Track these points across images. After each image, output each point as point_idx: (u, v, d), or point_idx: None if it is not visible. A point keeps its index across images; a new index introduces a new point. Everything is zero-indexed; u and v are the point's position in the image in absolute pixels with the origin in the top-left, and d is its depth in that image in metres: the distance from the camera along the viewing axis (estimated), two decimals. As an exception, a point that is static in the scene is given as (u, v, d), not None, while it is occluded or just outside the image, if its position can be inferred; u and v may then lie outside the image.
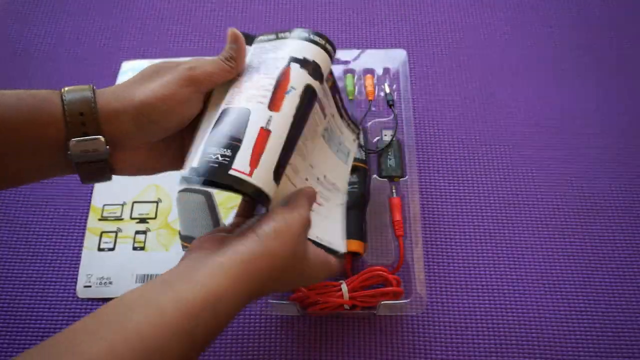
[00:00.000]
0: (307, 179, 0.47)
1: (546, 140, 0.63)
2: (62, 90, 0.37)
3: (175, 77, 0.39)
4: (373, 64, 0.62)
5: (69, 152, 0.36)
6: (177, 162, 0.43)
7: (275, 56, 0.44)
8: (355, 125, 0.55)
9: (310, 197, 0.43)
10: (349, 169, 0.53)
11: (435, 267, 0.56)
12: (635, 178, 0.61)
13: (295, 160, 0.46)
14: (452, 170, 0.62)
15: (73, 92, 0.37)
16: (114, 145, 0.38)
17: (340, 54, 0.62)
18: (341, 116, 0.52)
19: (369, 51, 0.62)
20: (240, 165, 0.37)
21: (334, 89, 0.50)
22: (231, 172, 0.37)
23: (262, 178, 0.38)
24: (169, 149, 0.42)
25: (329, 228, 0.47)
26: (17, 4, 0.74)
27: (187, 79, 0.39)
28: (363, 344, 0.52)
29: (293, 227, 0.39)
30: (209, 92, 0.42)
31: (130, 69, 0.68)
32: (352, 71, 0.62)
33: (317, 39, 0.44)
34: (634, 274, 0.56)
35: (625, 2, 0.73)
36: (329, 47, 0.45)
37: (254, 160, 0.38)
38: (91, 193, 0.60)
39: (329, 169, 0.49)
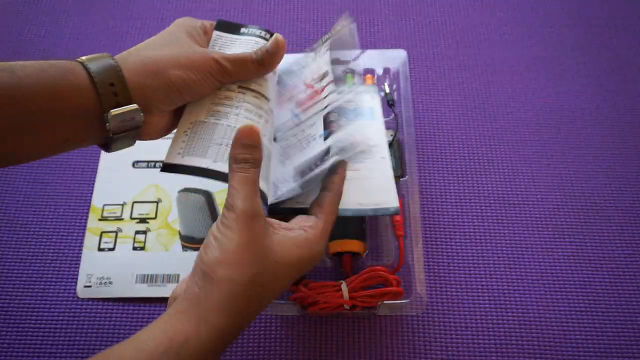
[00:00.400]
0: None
1: (546, 140, 0.63)
2: (82, 59, 0.38)
3: (205, 66, 0.41)
4: (373, 64, 0.62)
5: (107, 124, 0.37)
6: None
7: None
8: (367, 87, 0.54)
9: (330, 214, 0.40)
10: (380, 123, 0.53)
11: (435, 267, 0.56)
12: (635, 178, 0.61)
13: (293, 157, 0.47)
14: (452, 170, 0.62)
15: (95, 61, 0.38)
16: (144, 111, 0.39)
17: (341, 54, 0.62)
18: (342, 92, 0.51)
19: (369, 51, 0.62)
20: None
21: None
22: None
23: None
24: (179, 111, 0.45)
25: (373, 186, 0.48)
26: (17, 4, 0.74)
27: (215, 72, 0.42)
28: (363, 344, 0.52)
29: (238, 251, 0.35)
30: None
31: (130, 69, 0.68)
32: (352, 71, 0.62)
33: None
34: (634, 274, 0.56)
35: (625, 2, 0.74)
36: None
37: None
38: (91, 193, 0.60)
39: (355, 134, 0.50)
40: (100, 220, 0.58)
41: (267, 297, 0.38)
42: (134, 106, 0.38)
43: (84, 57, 0.38)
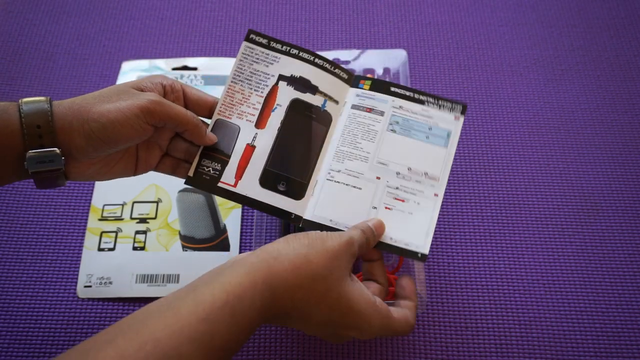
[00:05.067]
0: (379, 178, 0.47)
1: (546, 140, 0.63)
2: (20, 101, 0.39)
3: (134, 104, 0.40)
4: (373, 64, 0.62)
5: (25, 162, 0.38)
6: (128, 171, 0.45)
7: (267, 71, 0.49)
8: (453, 102, 0.50)
9: (365, 229, 0.43)
10: (451, 155, 0.48)
11: (435, 267, 0.56)
12: (635, 178, 0.61)
13: (348, 165, 0.48)
14: (452, 170, 0.61)
15: (30, 103, 0.39)
16: (68, 156, 0.39)
17: (341, 54, 0.62)
18: (420, 102, 0.49)
19: (369, 51, 0.62)
20: (227, 179, 0.46)
21: (381, 85, 0.50)
22: (219, 184, 0.46)
23: (246, 187, 0.46)
24: (122, 159, 0.44)
25: (410, 225, 0.46)
26: (17, 4, 0.74)
27: (144, 111, 0.40)
28: (363, 344, 0.52)
29: (328, 242, 0.38)
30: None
31: (130, 69, 0.68)
32: (352, 71, 0.62)
33: (305, 55, 0.49)
34: (634, 274, 0.56)
35: (625, 3, 0.74)
36: (319, 61, 0.50)
37: (239, 174, 0.46)
38: (91, 193, 0.60)
39: (415, 159, 0.48)
40: (100, 220, 0.58)
41: (315, 313, 0.38)
42: (52, 150, 0.38)
43: (24, 99, 0.39)
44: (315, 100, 0.49)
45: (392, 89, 0.50)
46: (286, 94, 0.48)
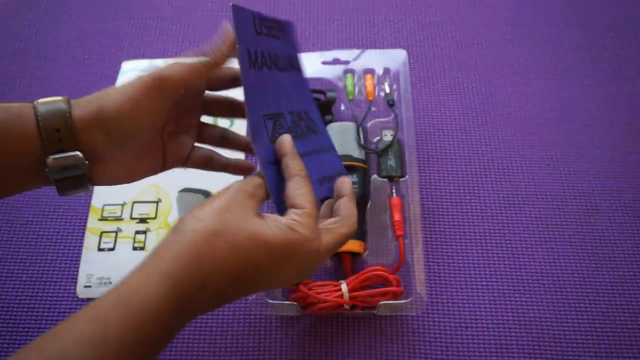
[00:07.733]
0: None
1: (546, 140, 0.63)
2: (36, 102, 0.36)
3: (139, 86, 0.37)
4: (373, 64, 0.62)
5: (47, 169, 0.35)
6: (157, 167, 0.42)
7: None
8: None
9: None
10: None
11: (435, 267, 0.56)
12: (636, 178, 0.61)
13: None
14: (452, 170, 0.62)
15: (47, 104, 0.35)
16: (91, 158, 0.36)
17: (341, 54, 0.62)
18: None
19: (369, 51, 0.62)
20: None
21: None
22: None
23: None
24: (148, 156, 0.41)
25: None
26: (17, 3, 0.74)
27: (151, 89, 0.37)
28: (363, 344, 0.52)
29: (216, 208, 0.34)
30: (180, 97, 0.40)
31: (130, 69, 0.68)
32: (352, 71, 0.62)
33: None
34: (634, 274, 0.56)
35: (625, 3, 0.74)
36: None
37: None
38: (91, 193, 0.60)
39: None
40: (100, 220, 0.58)
41: (248, 272, 0.35)
42: (74, 154, 0.35)
43: (39, 100, 0.36)
44: None
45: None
46: None
